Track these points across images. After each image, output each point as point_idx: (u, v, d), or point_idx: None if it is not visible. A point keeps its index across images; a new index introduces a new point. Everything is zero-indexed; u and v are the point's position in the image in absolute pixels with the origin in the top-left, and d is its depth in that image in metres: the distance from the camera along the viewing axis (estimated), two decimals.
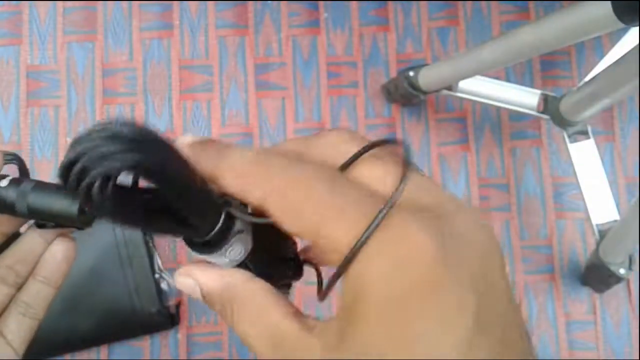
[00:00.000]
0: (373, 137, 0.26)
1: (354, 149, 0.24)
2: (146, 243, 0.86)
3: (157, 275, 0.87)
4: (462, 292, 0.20)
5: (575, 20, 0.55)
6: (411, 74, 0.86)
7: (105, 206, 0.20)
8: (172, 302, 0.89)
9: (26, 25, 0.97)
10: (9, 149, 0.93)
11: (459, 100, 0.97)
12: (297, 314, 0.25)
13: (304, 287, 0.91)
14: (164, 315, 0.86)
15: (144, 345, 0.89)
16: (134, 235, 0.86)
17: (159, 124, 0.95)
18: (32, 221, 0.32)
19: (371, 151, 0.25)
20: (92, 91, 0.96)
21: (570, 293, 0.92)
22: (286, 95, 0.97)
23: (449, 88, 0.85)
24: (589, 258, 0.84)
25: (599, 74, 0.70)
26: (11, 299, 0.33)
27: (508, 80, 0.96)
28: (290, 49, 0.98)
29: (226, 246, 0.25)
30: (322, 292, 0.24)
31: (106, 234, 0.85)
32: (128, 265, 0.85)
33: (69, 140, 0.94)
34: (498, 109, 0.91)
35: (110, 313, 0.84)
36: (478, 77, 0.85)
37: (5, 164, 0.31)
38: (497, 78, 0.86)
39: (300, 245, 0.30)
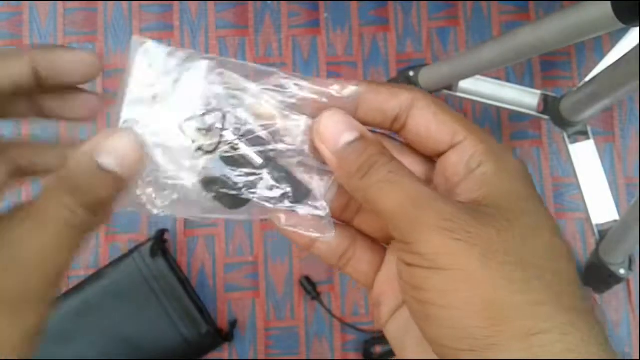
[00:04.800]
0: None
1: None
2: (173, 271, 0.86)
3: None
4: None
5: (575, 20, 0.55)
6: (411, 74, 0.86)
7: None
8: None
9: (26, 26, 0.97)
10: None
11: (459, 100, 0.96)
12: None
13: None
14: (213, 334, 0.85)
15: None
16: (160, 267, 0.85)
17: None
18: None
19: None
20: None
21: None
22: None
23: (449, 88, 0.85)
24: (588, 258, 0.84)
25: (599, 74, 0.70)
26: None
27: (508, 80, 0.96)
28: (290, 49, 0.98)
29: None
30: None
31: (134, 275, 0.85)
32: (165, 298, 0.84)
33: None
34: (498, 109, 0.91)
35: (163, 349, 0.84)
36: (478, 77, 0.85)
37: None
38: (497, 78, 0.86)
39: None
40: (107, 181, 0.25)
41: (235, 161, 0.26)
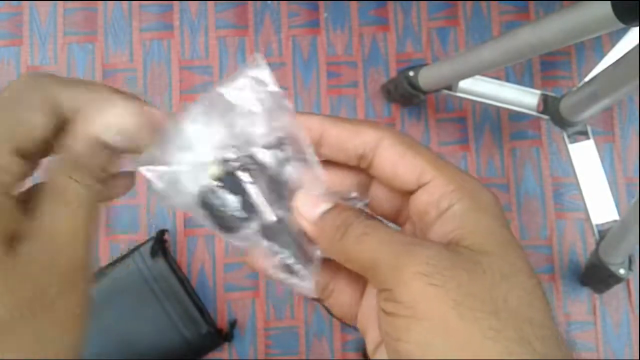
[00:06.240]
0: None
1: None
2: (173, 271, 0.86)
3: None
4: None
5: (575, 20, 0.55)
6: (411, 73, 0.86)
7: None
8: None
9: (27, 26, 0.97)
10: None
11: (459, 100, 0.97)
12: None
13: None
14: (213, 334, 0.86)
15: None
16: (160, 267, 0.86)
17: None
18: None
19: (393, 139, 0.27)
20: None
21: (570, 293, 0.92)
22: (286, 95, 0.97)
23: (449, 88, 0.85)
24: (588, 258, 0.84)
25: (599, 74, 0.70)
26: None
27: (508, 80, 0.96)
28: (290, 49, 0.98)
29: None
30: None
31: (134, 275, 0.85)
32: (164, 298, 0.85)
33: None
34: (498, 109, 0.91)
35: (163, 349, 0.84)
36: (478, 77, 0.85)
37: None
38: (497, 78, 0.86)
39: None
40: (109, 155, 0.26)
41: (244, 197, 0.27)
